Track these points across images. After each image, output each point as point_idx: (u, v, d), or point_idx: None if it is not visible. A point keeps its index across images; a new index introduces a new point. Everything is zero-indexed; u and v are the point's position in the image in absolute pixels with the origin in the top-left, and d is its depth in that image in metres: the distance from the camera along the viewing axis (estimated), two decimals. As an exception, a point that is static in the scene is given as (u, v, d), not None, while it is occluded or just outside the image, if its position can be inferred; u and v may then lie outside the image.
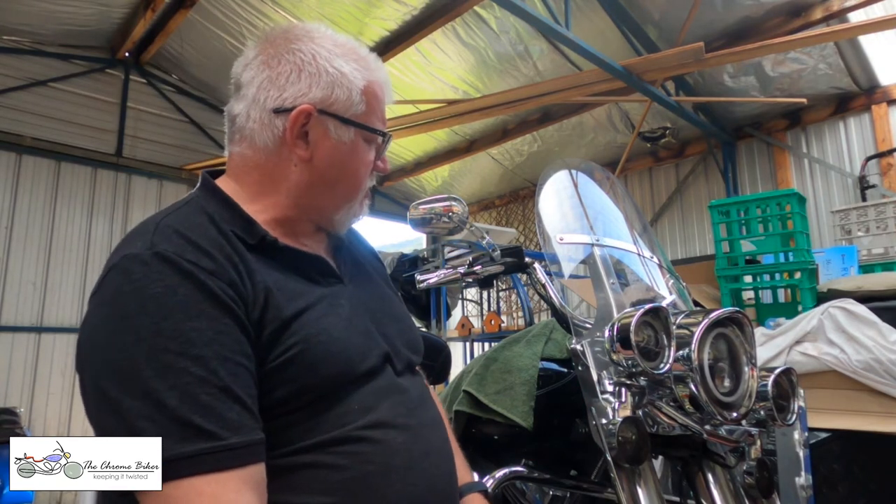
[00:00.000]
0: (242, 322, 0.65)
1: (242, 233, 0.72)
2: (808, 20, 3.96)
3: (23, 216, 5.02)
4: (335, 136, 0.78)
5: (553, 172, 1.23)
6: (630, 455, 0.85)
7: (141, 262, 0.63)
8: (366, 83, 0.80)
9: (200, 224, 0.70)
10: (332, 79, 0.77)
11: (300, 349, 0.67)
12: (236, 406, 0.60)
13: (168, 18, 4.85)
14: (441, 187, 7.29)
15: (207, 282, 0.63)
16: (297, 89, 0.76)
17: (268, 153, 0.78)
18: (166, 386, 0.57)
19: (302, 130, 0.77)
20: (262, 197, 0.79)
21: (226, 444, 0.58)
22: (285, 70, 0.77)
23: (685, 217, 5.62)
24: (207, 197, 0.76)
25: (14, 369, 4.80)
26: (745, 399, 0.92)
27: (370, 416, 0.72)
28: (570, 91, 4.41)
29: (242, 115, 0.78)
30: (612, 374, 0.93)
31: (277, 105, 0.76)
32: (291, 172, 0.78)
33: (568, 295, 1.25)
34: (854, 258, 2.70)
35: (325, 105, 0.77)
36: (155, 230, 0.67)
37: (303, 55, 0.77)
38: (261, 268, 0.70)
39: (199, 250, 0.66)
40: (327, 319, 0.73)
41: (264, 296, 0.68)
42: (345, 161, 0.80)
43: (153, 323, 0.59)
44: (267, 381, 0.66)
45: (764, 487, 0.97)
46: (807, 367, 1.98)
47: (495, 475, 1.06)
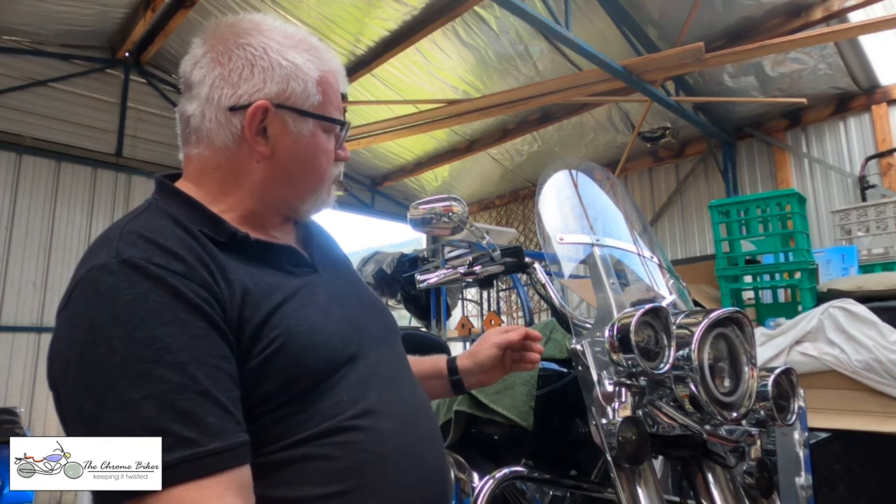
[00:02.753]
0: (217, 323, 0.64)
1: (211, 231, 0.71)
2: (808, 20, 3.96)
3: (23, 216, 5.02)
4: (294, 130, 0.77)
5: (553, 172, 1.23)
6: (630, 455, 0.85)
7: (109, 272, 0.61)
8: (320, 74, 0.79)
9: (165, 226, 0.68)
10: (287, 72, 0.76)
11: (282, 342, 0.67)
12: (216, 410, 0.60)
13: (168, 18, 4.86)
14: (441, 187, 7.29)
15: (178, 285, 0.62)
16: (251, 85, 0.75)
17: (228, 153, 0.76)
18: (143, 395, 0.57)
19: (260, 126, 0.75)
20: (225, 197, 0.77)
21: (206, 449, 0.58)
22: (237, 66, 0.75)
23: (685, 217, 5.62)
24: (167, 200, 0.74)
25: (14, 369, 4.80)
26: (745, 399, 0.92)
27: (360, 404, 0.72)
28: (570, 91, 4.42)
29: (197, 115, 0.76)
30: (612, 374, 0.93)
31: (233, 103, 0.74)
32: (254, 169, 0.77)
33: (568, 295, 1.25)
34: (854, 258, 2.69)
35: (282, 99, 0.76)
36: (119, 237, 0.65)
37: (254, 50, 0.75)
38: (234, 265, 0.69)
39: (168, 253, 0.64)
40: (306, 310, 0.73)
41: (241, 293, 0.67)
42: (306, 153, 0.79)
43: (126, 333, 0.58)
44: (252, 378, 0.65)
45: (764, 487, 0.97)
46: (807, 367, 1.98)
47: (495, 475, 1.06)
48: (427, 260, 5.29)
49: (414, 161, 6.95)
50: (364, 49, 5.02)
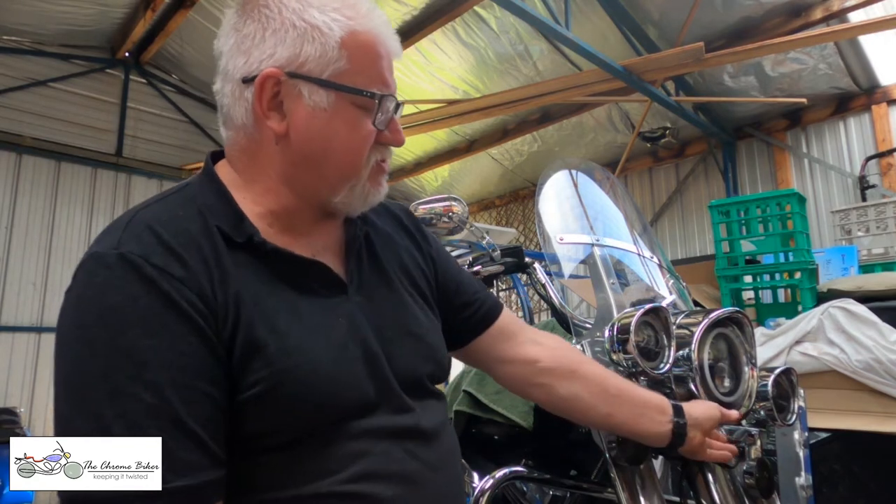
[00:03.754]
0: (210, 340, 0.57)
1: (229, 229, 0.63)
2: (808, 20, 3.96)
3: (23, 216, 5.02)
4: (310, 103, 0.65)
5: (553, 172, 1.23)
6: (630, 455, 0.85)
7: (104, 265, 0.57)
8: (346, 34, 0.65)
9: (182, 218, 0.62)
10: (300, 33, 0.64)
11: (273, 383, 0.59)
12: (188, 442, 0.54)
13: (168, 18, 4.86)
14: (441, 187, 7.29)
15: (172, 292, 0.56)
16: (261, 51, 0.64)
17: (247, 132, 0.67)
18: (114, 413, 0.53)
19: (275, 101, 0.65)
20: (254, 184, 0.68)
21: (169, 487, 0.53)
22: (250, 32, 0.65)
23: (685, 217, 5.62)
24: (204, 184, 0.68)
25: (14, 369, 4.80)
26: (745, 399, 0.93)
27: (359, 464, 0.62)
28: (570, 91, 4.42)
29: (219, 91, 0.69)
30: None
31: (245, 73, 0.65)
32: (274, 153, 0.67)
33: (568, 295, 1.25)
34: (854, 258, 2.69)
35: (294, 66, 0.64)
36: (127, 225, 0.60)
37: (269, 11, 0.65)
38: (240, 274, 0.62)
39: (170, 253, 0.58)
40: (313, 344, 0.63)
41: (235, 309, 0.59)
42: (327, 131, 0.66)
43: (109, 338, 0.55)
44: (237, 412, 0.58)
45: (764, 487, 0.97)
46: (807, 367, 1.98)
47: (495, 475, 1.06)
48: (427, 260, 5.28)
49: (414, 161, 6.94)
50: (364, 49, 5.02)
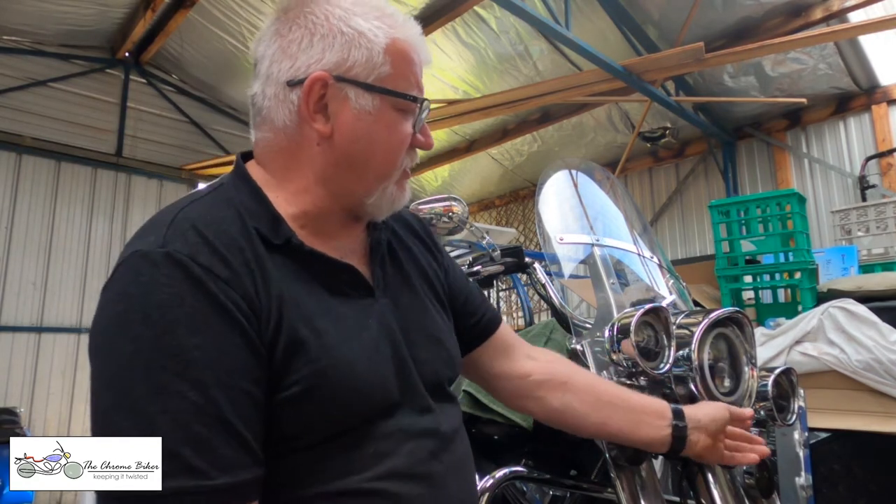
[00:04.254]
0: (253, 341, 0.59)
1: (267, 231, 0.66)
2: (808, 20, 3.97)
3: (23, 216, 5.02)
4: (356, 106, 0.69)
5: (553, 172, 1.23)
6: (630, 455, 0.85)
7: (150, 263, 0.58)
8: (389, 41, 0.70)
9: (223, 219, 0.64)
10: (348, 39, 0.68)
11: (313, 383, 0.61)
12: (233, 441, 0.56)
13: (168, 18, 4.86)
14: (441, 187, 7.29)
15: (219, 293, 0.58)
16: (308, 56, 0.68)
17: (288, 134, 0.70)
18: (159, 409, 0.54)
19: (321, 103, 0.68)
20: (288, 184, 0.71)
21: (212, 484, 0.54)
22: (296, 37, 0.69)
23: (685, 217, 5.62)
24: (238, 185, 0.70)
25: (14, 369, 4.80)
26: (745, 399, 0.93)
27: (385, 464, 0.64)
28: (570, 91, 4.41)
29: (259, 93, 0.71)
30: (612, 374, 0.93)
31: (291, 76, 0.68)
32: (315, 154, 0.70)
33: (568, 295, 1.25)
34: (854, 258, 2.69)
35: (342, 70, 0.68)
36: (171, 223, 0.61)
37: (315, 17, 0.69)
38: (279, 275, 0.64)
39: (215, 253, 0.60)
40: (348, 345, 0.65)
41: (278, 312, 0.62)
42: (371, 133, 0.70)
43: (155, 336, 0.55)
44: (274, 413, 0.60)
45: (764, 487, 0.97)
46: (807, 367, 1.98)
47: (495, 475, 1.06)
48: (427, 260, 5.28)
49: (414, 161, 6.95)
50: (364, 49, 5.02)
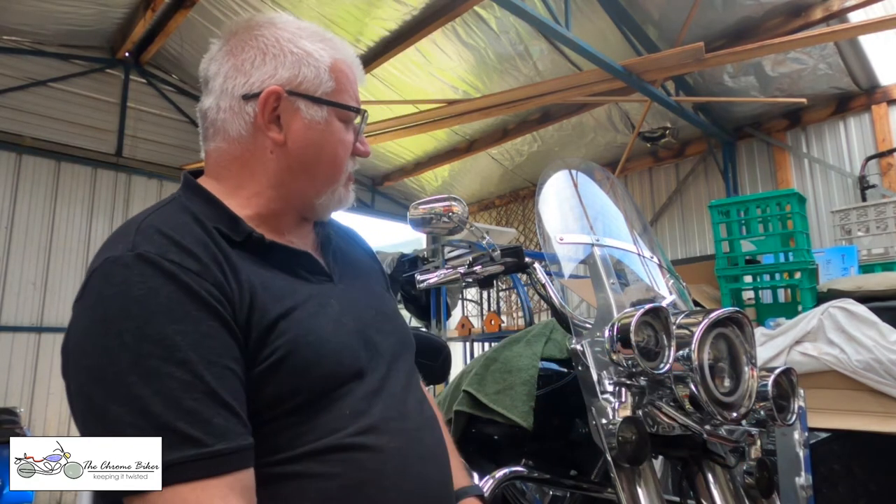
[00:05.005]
0: (229, 323, 0.63)
1: (227, 230, 0.71)
2: (808, 20, 3.96)
3: (23, 216, 5.02)
4: (307, 116, 0.77)
5: (553, 172, 1.23)
6: (630, 455, 0.85)
7: (122, 265, 0.62)
8: (332, 60, 0.79)
9: (184, 223, 0.69)
10: (298, 58, 0.77)
11: (287, 351, 0.66)
12: (223, 411, 0.59)
13: (168, 18, 4.85)
14: (441, 187, 7.29)
15: (191, 283, 0.62)
16: (263, 72, 0.76)
17: (242, 143, 0.77)
18: (151, 392, 0.57)
19: (274, 114, 0.76)
20: (241, 190, 0.77)
21: (211, 450, 0.57)
22: (250, 56, 0.76)
23: (685, 217, 5.62)
24: (190, 195, 0.75)
25: (14, 369, 4.80)
26: (745, 399, 0.92)
27: (362, 420, 0.70)
28: (570, 91, 4.41)
29: (213, 108, 0.78)
30: (612, 374, 0.93)
31: (246, 91, 0.75)
32: (269, 160, 0.77)
33: (568, 295, 1.25)
34: (854, 258, 2.69)
35: (293, 85, 0.76)
36: (136, 231, 0.66)
37: (266, 40, 0.77)
38: (246, 266, 0.69)
39: (183, 250, 0.64)
40: (316, 320, 0.72)
41: (250, 296, 0.66)
42: (320, 141, 0.78)
43: (136, 327, 0.59)
44: (255, 384, 0.64)
45: (764, 487, 0.97)
46: (807, 367, 1.98)
47: (495, 475, 1.06)
48: (427, 260, 5.29)
49: (414, 161, 6.94)
50: (364, 49, 5.02)
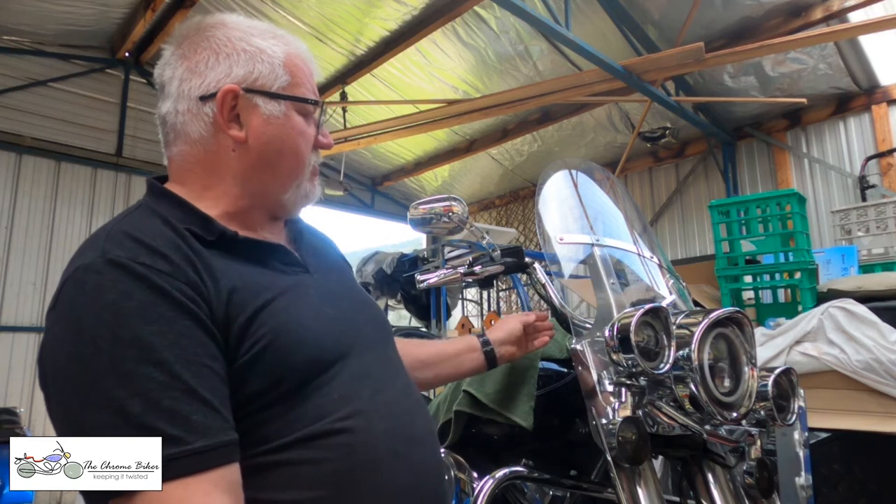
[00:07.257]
0: (204, 322, 0.63)
1: (200, 230, 0.71)
2: (808, 20, 3.96)
3: (23, 216, 5.02)
4: (266, 112, 0.77)
5: (553, 172, 1.23)
6: (630, 455, 0.85)
7: (94, 272, 0.62)
8: (286, 55, 0.80)
9: (153, 226, 0.69)
10: (251, 55, 0.77)
11: (269, 340, 0.66)
12: (203, 408, 0.59)
13: (168, 18, 4.85)
14: (441, 187, 7.29)
15: (164, 284, 0.62)
16: (217, 72, 0.76)
17: (205, 144, 0.77)
18: (128, 394, 0.57)
19: (233, 113, 0.76)
20: (208, 191, 0.77)
21: (191, 448, 0.57)
22: (203, 58, 0.76)
23: (685, 217, 5.62)
24: (157, 200, 0.75)
25: (14, 369, 4.80)
26: (745, 399, 0.92)
27: (351, 405, 0.71)
28: (570, 91, 4.41)
29: (171, 112, 0.77)
30: (612, 374, 0.93)
31: (202, 92, 0.75)
32: (231, 159, 0.77)
33: (568, 295, 1.25)
34: (854, 258, 2.69)
35: (249, 82, 0.76)
36: (106, 237, 0.66)
37: (218, 40, 0.77)
38: (222, 264, 0.69)
39: (154, 253, 0.64)
40: (296, 308, 0.72)
41: (227, 292, 0.66)
42: (281, 136, 0.78)
43: (111, 332, 0.58)
44: (239, 377, 0.65)
45: (764, 487, 0.97)
46: (807, 367, 1.98)
47: (495, 475, 1.06)
48: (427, 260, 5.29)
49: (414, 161, 6.94)
50: (364, 49, 5.02)
